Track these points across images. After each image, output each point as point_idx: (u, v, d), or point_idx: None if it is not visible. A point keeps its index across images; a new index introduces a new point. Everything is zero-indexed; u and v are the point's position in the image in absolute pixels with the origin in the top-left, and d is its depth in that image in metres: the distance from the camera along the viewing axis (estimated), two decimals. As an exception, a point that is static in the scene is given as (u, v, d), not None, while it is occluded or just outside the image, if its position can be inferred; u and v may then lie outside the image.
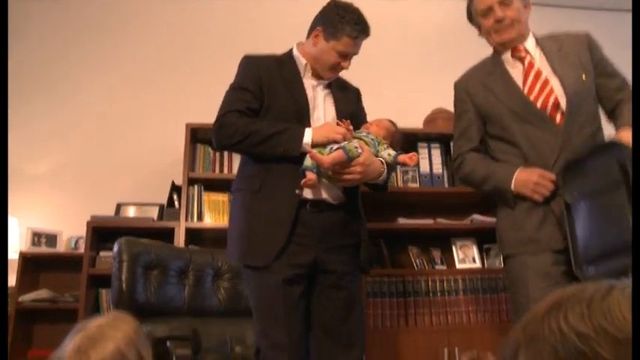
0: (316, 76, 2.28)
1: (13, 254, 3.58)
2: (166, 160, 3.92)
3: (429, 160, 3.89)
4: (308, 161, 2.06)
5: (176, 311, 2.57)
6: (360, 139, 2.17)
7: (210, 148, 3.72)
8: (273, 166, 2.11)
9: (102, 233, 3.57)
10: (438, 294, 3.52)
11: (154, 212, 3.70)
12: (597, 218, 1.86)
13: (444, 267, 3.80)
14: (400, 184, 3.84)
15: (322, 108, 2.25)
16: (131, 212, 3.77)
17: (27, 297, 3.48)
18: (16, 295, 3.45)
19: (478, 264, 3.79)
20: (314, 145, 2.07)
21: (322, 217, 2.12)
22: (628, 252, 1.59)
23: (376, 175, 2.16)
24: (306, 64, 2.26)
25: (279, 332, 1.98)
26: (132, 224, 3.55)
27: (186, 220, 3.50)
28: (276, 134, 2.08)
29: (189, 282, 2.69)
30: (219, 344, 2.37)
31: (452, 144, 3.25)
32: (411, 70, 4.47)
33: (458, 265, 3.77)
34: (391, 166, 2.24)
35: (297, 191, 2.06)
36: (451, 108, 2.45)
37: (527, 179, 2.07)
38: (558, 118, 2.09)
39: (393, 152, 2.18)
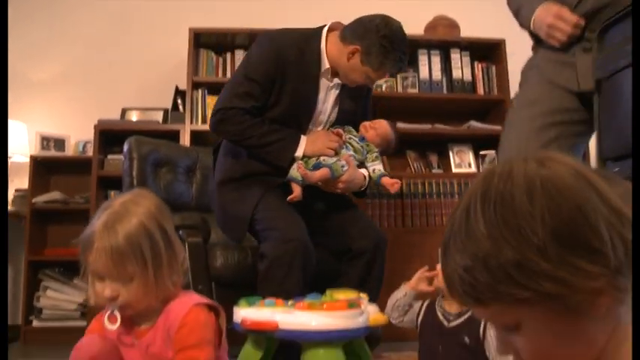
0: (334, 74, 2.28)
1: (23, 158, 3.70)
2: (170, 65, 3.95)
3: (429, 67, 3.94)
4: (294, 172, 2.19)
5: (185, 207, 2.69)
6: (351, 144, 2.28)
7: (213, 53, 3.76)
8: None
9: (109, 137, 3.67)
10: (434, 196, 3.66)
11: (158, 116, 3.78)
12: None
13: (441, 171, 3.92)
14: (400, 89, 3.91)
15: (328, 109, 2.31)
16: (136, 117, 3.85)
17: (40, 199, 3.62)
18: (29, 196, 3.59)
19: (474, 169, 3.91)
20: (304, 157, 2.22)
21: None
22: None
23: (357, 188, 2.31)
24: (327, 69, 2.25)
25: (287, 226, 2.10)
26: (138, 127, 3.63)
27: (191, 123, 3.60)
28: (269, 144, 2.18)
29: (197, 180, 2.79)
30: (225, 238, 2.48)
31: None
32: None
33: (454, 170, 3.89)
34: (372, 180, 2.32)
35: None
36: (452, 15, 2.44)
37: (543, 19, 1.78)
38: None
39: (379, 169, 2.30)
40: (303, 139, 2.23)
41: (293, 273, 2.00)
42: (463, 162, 3.94)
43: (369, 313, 1.64)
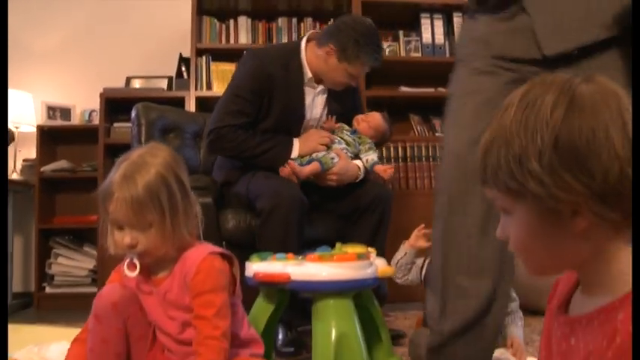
0: (319, 81, 2.40)
1: (30, 128, 3.73)
2: (173, 32, 3.97)
3: (432, 31, 3.94)
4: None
5: (193, 171, 2.71)
6: (342, 138, 2.39)
7: (216, 19, 3.77)
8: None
9: (114, 105, 3.70)
10: (438, 159, 3.70)
11: (163, 84, 3.80)
12: None
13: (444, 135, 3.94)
14: (403, 53, 3.92)
15: (317, 115, 2.43)
16: (140, 85, 3.87)
17: (48, 167, 3.66)
18: (37, 166, 3.63)
19: (477, 132, 3.93)
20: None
21: None
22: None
23: (352, 179, 2.36)
24: (311, 77, 2.37)
25: (278, 184, 2.20)
26: (143, 94, 3.66)
27: (196, 89, 3.63)
28: (265, 152, 2.29)
29: (204, 145, 2.83)
30: (236, 202, 2.52)
31: None
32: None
33: (457, 133, 3.91)
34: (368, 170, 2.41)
35: None
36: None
37: None
38: None
39: (372, 158, 2.37)
40: (296, 141, 2.35)
41: (289, 227, 2.09)
42: (466, 125, 3.96)
43: (378, 266, 1.69)
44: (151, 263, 1.28)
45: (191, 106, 3.58)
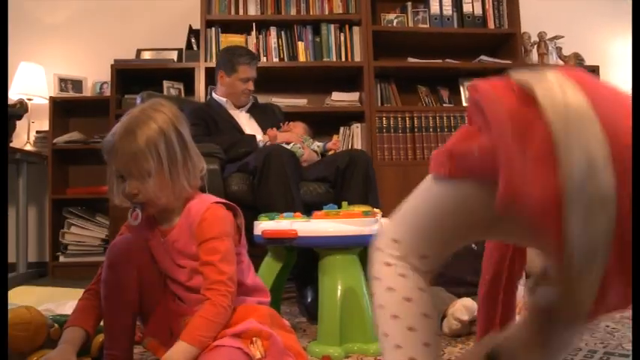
0: (236, 106, 2.87)
1: (42, 100, 3.78)
2: (183, 4, 4.01)
3: (440, 2, 3.94)
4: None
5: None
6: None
7: (225, -10, 3.79)
8: None
9: (125, 76, 3.73)
10: (445, 129, 3.73)
11: (173, 56, 3.83)
12: None
13: (452, 105, 3.97)
14: (411, 24, 3.93)
15: (250, 129, 2.79)
16: (150, 57, 3.90)
17: (60, 139, 3.71)
18: (50, 137, 3.69)
19: (484, 103, 3.94)
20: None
21: None
22: None
23: (314, 161, 2.74)
24: (227, 101, 2.85)
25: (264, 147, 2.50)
26: (154, 65, 3.71)
27: (206, 60, 3.65)
28: (234, 143, 2.56)
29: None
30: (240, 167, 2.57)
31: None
32: None
33: (465, 104, 3.93)
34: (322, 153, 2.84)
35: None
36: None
37: None
38: None
39: (318, 144, 2.85)
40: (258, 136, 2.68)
41: (285, 178, 2.20)
42: (474, 96, 3.97)
43: (383, 224, 1.73)
44: (157, 214, 1.32)
45: (201, 77, 3.62)
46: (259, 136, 2.68)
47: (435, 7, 3.94)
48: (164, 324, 1.32)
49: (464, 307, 1.64)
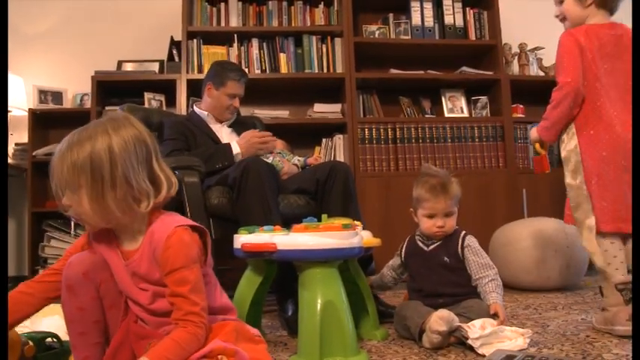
0: (218, 120, 2.85)
1: (21, 112, 3.74)
2: (164, 16, 3.99)
3: (421, 13, 3.97)
4: None
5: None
6: (279, 152, 2.83)
7: (207, 2, 3.78)
8: None
9: (106, 88, 3.71)
10: (427, 140, 3.73)
11: (154, 67, 3.81)
12: None
13: (434, 116, 3.98)
14: (392, 36, 3.94)
15: (233, 140, 2.69)
16: (132, 69, 3.87)
17: (40, 151, 3.67)
18: (30, 150, 3.65)
19: (466, 114, 3.97)
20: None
21: None
22: None
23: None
24: (208, 115, 2.82)
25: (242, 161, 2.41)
26: (135, 77, 3.68)
27: (187, 72, 3.64)
28: (211, 156, 2.54)
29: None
30: (220, 180, 2.56)
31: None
32: None
33: (446, 115, 3.95)
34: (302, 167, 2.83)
35: None
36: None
37: None
38: None
39: (298, 159, 2.87)
40: (233, 142, 2.64)
41: (263, 189, 2.17)
42: (455, 107, 4.00)
43: (363, 237, 1.73)
44: (116, 232, 1.28)
45: (182, 88, 3.60)
46: (236, 148, 2.60)
47: (416, 19, 3.96)
48: (126, 345, 1.28)
49: (439, 319, 1.64)
